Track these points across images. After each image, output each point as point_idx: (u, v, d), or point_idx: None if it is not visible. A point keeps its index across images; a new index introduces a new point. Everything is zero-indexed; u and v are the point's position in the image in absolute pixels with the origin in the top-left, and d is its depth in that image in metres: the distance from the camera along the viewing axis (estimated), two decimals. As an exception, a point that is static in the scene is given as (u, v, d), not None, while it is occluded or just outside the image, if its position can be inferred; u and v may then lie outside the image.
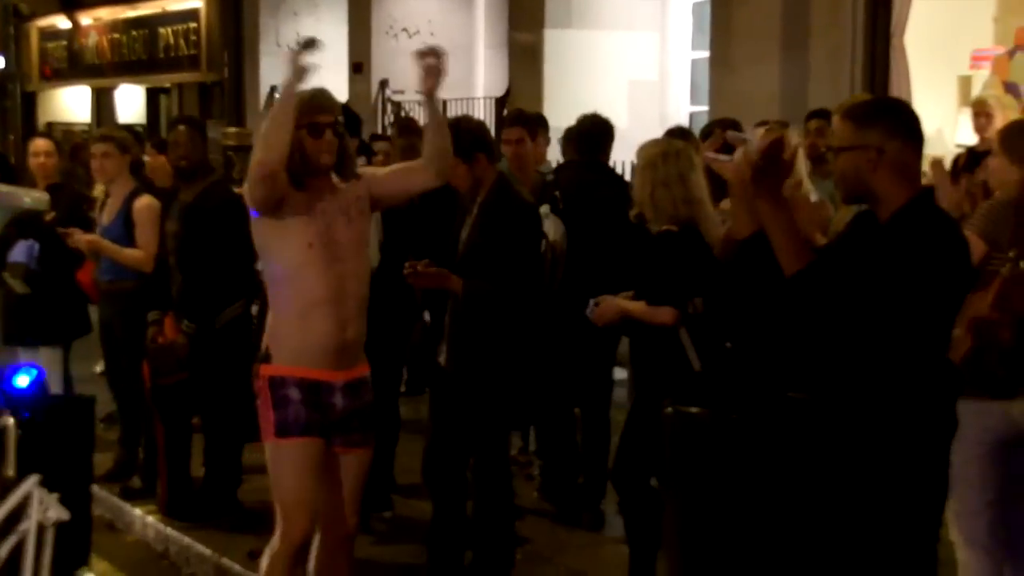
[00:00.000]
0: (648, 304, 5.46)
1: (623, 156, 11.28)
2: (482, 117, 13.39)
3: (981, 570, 4.87)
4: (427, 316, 6.50)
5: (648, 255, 5.49)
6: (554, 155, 8.15)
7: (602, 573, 6.29)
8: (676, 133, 6.97)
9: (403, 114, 15.58)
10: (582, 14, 14.06)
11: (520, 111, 7.93)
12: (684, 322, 5.38)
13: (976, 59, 10.36)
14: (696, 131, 7.75)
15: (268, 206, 4.77)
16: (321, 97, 4.85)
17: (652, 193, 5.43)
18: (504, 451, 6.16)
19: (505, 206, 5.95)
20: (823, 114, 7.96)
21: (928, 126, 5.34)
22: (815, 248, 3.96)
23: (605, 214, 6.93)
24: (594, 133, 7.34)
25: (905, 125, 3.79)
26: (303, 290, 4.82)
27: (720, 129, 6.39)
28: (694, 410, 5.24)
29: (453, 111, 14.48)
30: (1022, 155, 4.67)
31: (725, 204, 5.55)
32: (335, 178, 4.93)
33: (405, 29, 17.16)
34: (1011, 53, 10.05)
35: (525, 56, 14.28)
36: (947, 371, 3.83)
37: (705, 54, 13.71)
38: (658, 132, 8.35)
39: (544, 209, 6.75)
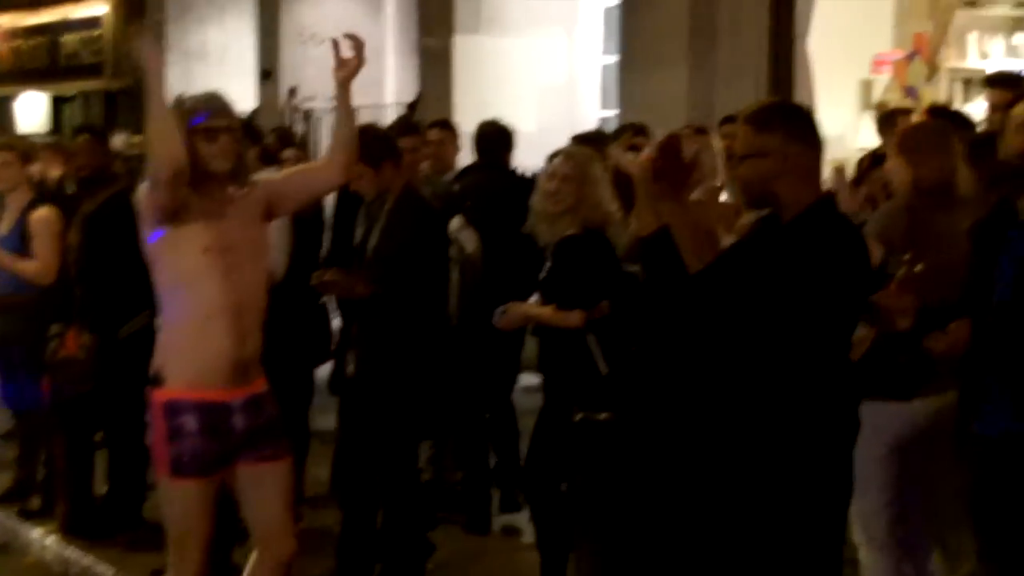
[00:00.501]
0: (557, 308, 5.47)
1: (533, 161, 11.32)
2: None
3: (883, 570, 4.94)
4: (337, 323, 6.49)
5: (555, 260, 5.51)
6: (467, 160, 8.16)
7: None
8: (586, 138, 7.00)
9: (314, 120, 15.50)
10: (491, 19, 14.05)
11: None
12: (591, 326, 5.40)
13: (877, 63, 10.50)
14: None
15: (172, 210, 4.53)
16: (215, 101, 4.69)
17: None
18: (412, 460, 6.15)
19: (412, 214, 5.95)
20: (735, 119, 7.99)
21: (831, 129, 5.43)
22: (720, 249, 3.98)
23: (508, 219, 6.94)
24: (493, 138, 7.37)
25: (805, 130, 3.84)
26: (199, 301, 4.58)
27: (631, 131, 6.44)
28: (602, 416, 5.29)
29: (363, 117, 14.39)
30: (917, 157, 4.73)
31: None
32: (231, 185, 4.75)
33: (314, 36, 17.04)
34: (910, 57, 10.21)
35: (435, 62, 14.25)
36: (849, 372, 3.87)
37: (615, 58, 13.78)
38: (568, 136, 8.42)
39: (458, 222, 6.76)
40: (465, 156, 8.38)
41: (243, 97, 18.43)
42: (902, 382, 4.57)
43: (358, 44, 4.73)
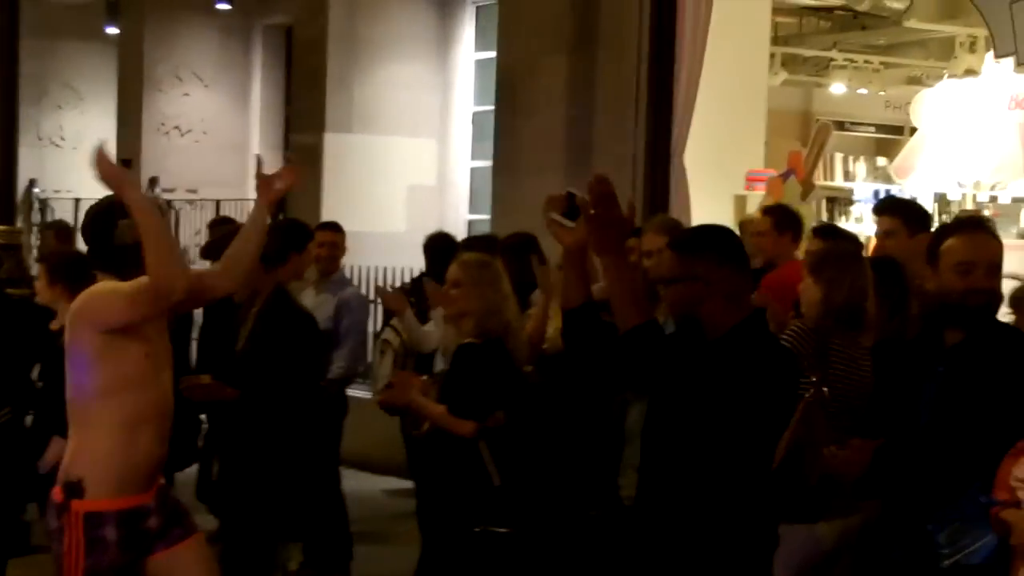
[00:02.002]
0: (449, 412, 5.37)
1: (401, 262, 11.26)
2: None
3: None
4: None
5: (452, 366, 5.43)
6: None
7: None
8: (478, 243, 6.95)
9: (174, 212, 15.23)
10: (362, 118, 14.03)
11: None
12: (484, 435, 5.31)
13: (750, 179, 10.66)
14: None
15: (142, 323, 4.44)
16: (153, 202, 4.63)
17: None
18: (272, 561, 5.96)
19: (282, 316, 5.86)
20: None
21: None
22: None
23: None
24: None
25: (731, 253, 3.85)
26: (138, 405, 4.48)
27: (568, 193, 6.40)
28: (502, 529, 5.18)
29: (227, 212, 14.21)
30: (825, 278, 4.75)
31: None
32: None
33: (177, 127, 16.84)
34: (784, 176, 10.39)
35: (304, 159, 14.13)
36: (771, 488, 3.84)
37: (484, 163, 13.83)
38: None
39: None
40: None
41: (100, 186, 18.10)
42: (809, 504, 4.52)
43: (294, 161, 4.67)
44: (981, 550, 3.71)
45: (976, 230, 4.20)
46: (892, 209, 6.12)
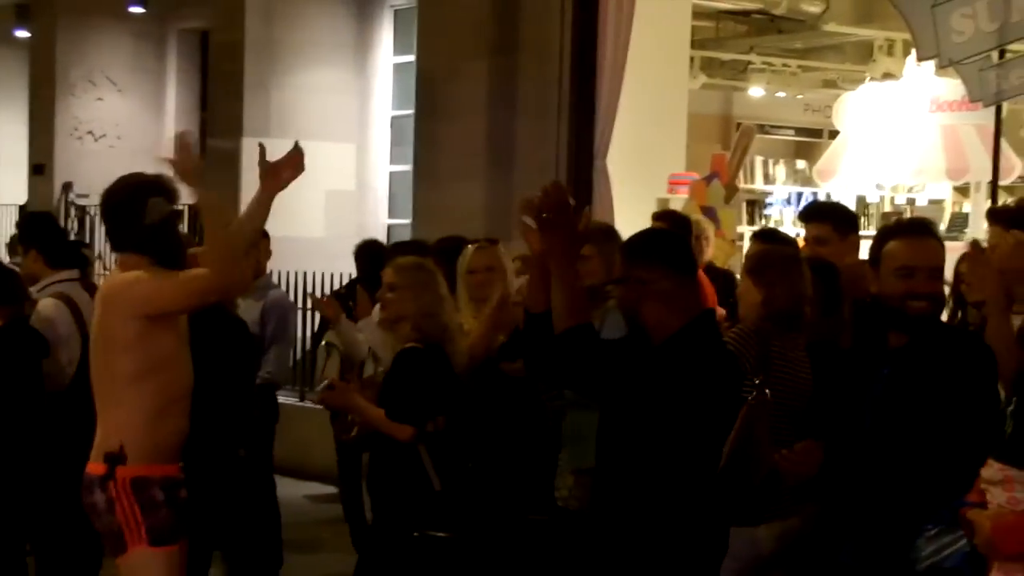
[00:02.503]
0: (388, 416, 5.34)
1: (322, 266, 11.18)
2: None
3: None
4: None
5: (392, 370, 5.39)
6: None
7: None
8: (409, 248, 6.91)
9: (88, 218, 15.03)
10: (281, 123, 13.91)
11: None
12: (423, 440, 5.28)
13: (673, 183, 10.73)
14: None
15: None
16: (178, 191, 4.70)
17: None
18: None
19: (212, 319, 5.79)
20: None
21: None
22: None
23: None
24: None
25: (674, 259, 3.88)
26: (168, 384, 4.62)
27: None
28: (440, 534, 5.15)
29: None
30: (765, 281, 4.77)
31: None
32: None
33: (91, 132, 16.61)
34: (708, 179, 10.46)
35: (222, 163, 13.99)
36: (720, 492, 3.87)
37: (403, 167, 13.76)
38: (355, 242, 8.42)
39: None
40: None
41: (15, 191, 17.81)
42: (750, 507, 4.53)
43: (295, 155, 4.75)
44: (958, 552, 3.73)
45: (918, 234, 4.20)
46: (820, 215, 6.14)
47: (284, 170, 4.69)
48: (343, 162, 14.38)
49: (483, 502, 5.15)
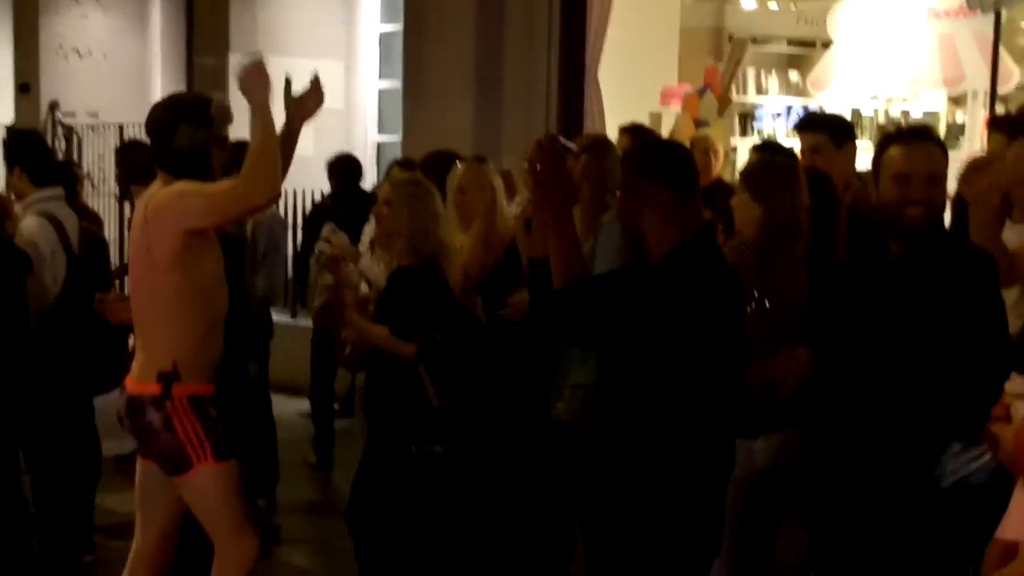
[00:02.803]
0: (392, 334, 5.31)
1: (311, 184, 11.10)
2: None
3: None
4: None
5: (388, 288, 5.34)
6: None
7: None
8: (408, 163, 6.87)
9: (76, 137, 14.90)
10: (267, 39, 13.75)
11: None
12: (423, 358, 5.25)
13: (666, 96, 10.62)
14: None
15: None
16: (229, 110, 4.80)
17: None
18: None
19: None
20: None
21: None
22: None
23: None
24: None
25: (667, 170, 3.84)
26: (211, 305, 4.67)
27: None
28: (438, 448, 5.14)
29: (130, 136, 13.91)
30: (763, 194, 4.71)
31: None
32: None
33: (76, 50, 16.39)
34: (701, 92, 10.35)
35: (208, 81, 13.85)
36: (726, 408, 3.83)
37: (392, 84, 13.62)
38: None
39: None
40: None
41: (1, 111, 17.63)
42: (748, 420, 4.50)
43: (317, 85, 4.87)
44: (983, 468, 3.70)
45: (916, 139, 4.14)
46: (816, 124, 6.07)
47: (310, 101, 4.86)
48: (331, 79, 14.04)
49: (480, 417, 5.12)
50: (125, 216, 12.28)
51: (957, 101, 11.31)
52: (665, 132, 10.18)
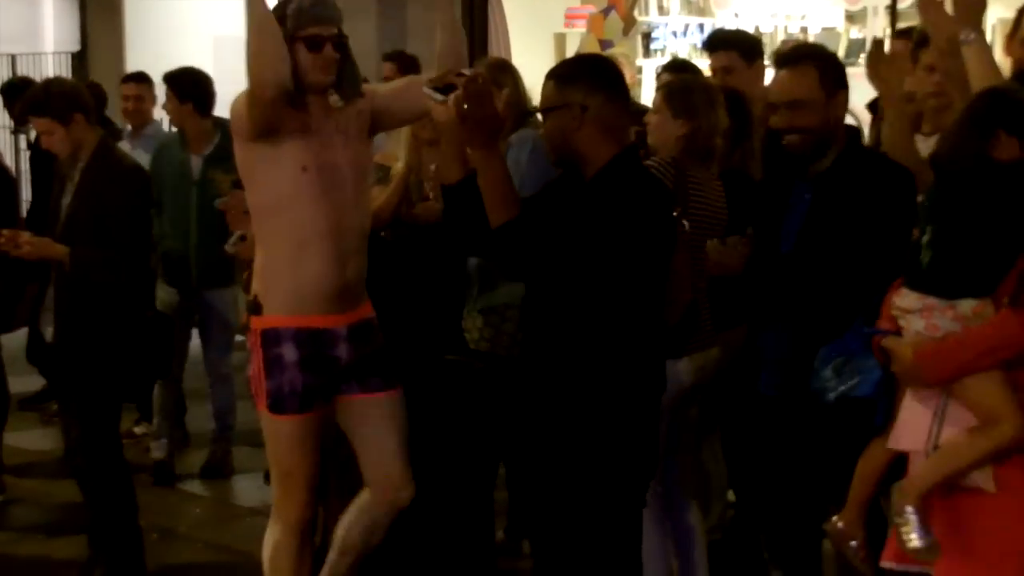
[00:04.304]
0: None
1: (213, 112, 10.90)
2: (54, 73, 12.65)
3: (645, 526, 4.90)
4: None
5: None
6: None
7: (245, 545, 5.93)
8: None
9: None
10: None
11: None
12: None
13: (570, 17, 10.58)
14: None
15: (267, 130, 4.20)
16: (322, 7, 4.30)
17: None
18: (114, 424, 5.77)
19: (109, 170, 5.64)
20: None
21: (527, 82, 5.43)
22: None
23: None
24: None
25: (607, 81, 3.77)
26: (297, 222, 4.27)
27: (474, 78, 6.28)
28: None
29: (21, 68, 13.58)
30: (688, 113, 4.70)
31: (378, 157, 5.41)
32: (333, 97, 4.37)
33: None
34: (605, 12, 10.32)
35: (102, 9, 13.54)
36: (657, 329, 3.82)
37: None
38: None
39: None
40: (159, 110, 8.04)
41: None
42: (672, 340, 4.52)
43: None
44: (866, 382, 3.73)
45: (778, 66, 4.22)
46: (725, 43, 6.09)
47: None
48: (229, 7, 13.96)
49: (399, 346, 5.09)
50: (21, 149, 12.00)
51: (853, 18, 11.39)
52: (570, 54, 10.13)
